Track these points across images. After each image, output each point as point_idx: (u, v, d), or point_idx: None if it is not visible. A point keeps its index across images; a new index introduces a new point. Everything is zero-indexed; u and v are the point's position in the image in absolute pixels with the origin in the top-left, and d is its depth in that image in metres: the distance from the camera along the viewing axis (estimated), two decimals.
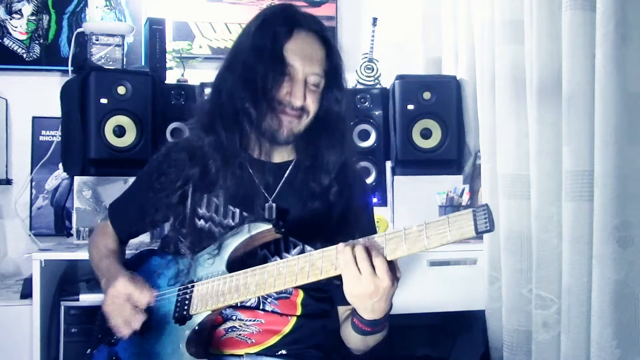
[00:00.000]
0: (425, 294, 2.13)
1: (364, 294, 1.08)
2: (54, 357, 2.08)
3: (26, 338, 2.01)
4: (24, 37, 2.63)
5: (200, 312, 1.23)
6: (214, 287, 1.23)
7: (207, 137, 1.30)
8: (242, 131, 1.30)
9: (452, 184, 2.39)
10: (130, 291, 1.24)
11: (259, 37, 1.28)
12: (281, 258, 1.29)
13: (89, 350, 1.38)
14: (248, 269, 1.20)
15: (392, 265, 1.07)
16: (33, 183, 2.60)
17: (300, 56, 1.28)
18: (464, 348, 2.48)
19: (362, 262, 1.06)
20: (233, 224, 1.31)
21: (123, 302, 1.24)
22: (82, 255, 2.04)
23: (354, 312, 1.18)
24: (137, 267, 1.42)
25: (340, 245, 1.09)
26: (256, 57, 1.26)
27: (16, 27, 2.63)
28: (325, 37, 1.33)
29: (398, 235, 1.06)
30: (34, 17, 2.64)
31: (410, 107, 2.40)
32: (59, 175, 2.58)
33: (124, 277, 1.26)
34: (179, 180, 1.32)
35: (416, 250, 1.03)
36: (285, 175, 1.36)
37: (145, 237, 1.85)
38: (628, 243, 1.59)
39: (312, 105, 1.30)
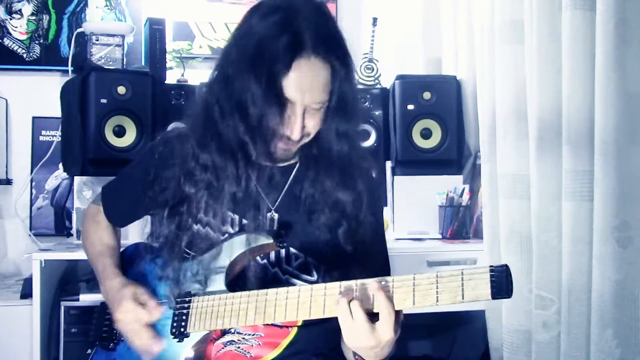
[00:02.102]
0: None
1: (365, 347, 1.03)
2: (54, 357, 2.08)
3: (26, 338, 2.01)
4: (24, 37, 2.63)
5: (197, 331, 1.19)
6: (213, 306, 1.18)
7: (202, 153, 1.22)
8: (238, 151, 1.20)
9: (452, 184, 2.39)
10: (140, 315, 1.20)
11: (255, 61, 1.12)
12: (281, 270, 1.26)
13: (89, 350, 1.36)
14: (248, 292, 1.15)
15: (396, 314, 1.00)
16: (33, 183, 2.60)
17: (300, 89, 1.12)
18: (464, 348, 2.48)
19: (359, 319, 1.00)
20: (232, 231, 1.25)
21: (139, 328, 1.20)
22: (82, 255, 2.01)
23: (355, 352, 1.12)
24: (133, 264, 1.38)
25: (338, 290, 1.04)
26: (251, 86, 1.12)
27: (16, 27, 2.63)
28: (330, 60, 1.14)
29: (407, 284, 0.99)
30: (34, 17, 2.64)
31: (410, 107, 2.40)
32: (59, 175, 2.58)
33: (128, 303, 1.21)
34: (175, 187, 1.25)
35: (425, 305, 0.97)
36: (289, 181, 1.30)
37: (140, 239, 1.84)
38: (628, 243, 1.59)
39: (312, 129, 1.19)
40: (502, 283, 0.91)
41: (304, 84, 1.12)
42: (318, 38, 1.12)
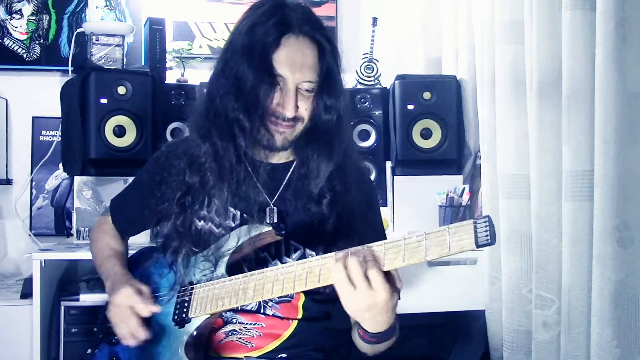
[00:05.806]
0: (425, 294, 2.13)
1: (361, 309, 1.06)
2: (54, 357, 2.08)
3: (26, 338, 2.01)
4: (24, 37, 2.63)
5: (198, 316, 1.23)
6: (213, 290, 1.22)
7: (203, 144, 1.28)
8: (238, 138, 1.26)
9: (452, 184, 2.39)
10: (134, 302, 1.24)
11: (248, 44, 1.23)
12: (281, 261, 1.29)
13: (89, 350, 1.38)
14: (247, 273, 1.20)
15: (390, 277, 1.05)
16: (33, 183, 2.60)
17: (290, 65, 1.22)
18: (464, 348, 2.47)
19: (355, 276, 1.04)
20: (234, 225, 1.30)
21: (129, 314, 1.24)
22: (82, 255, 2.04)
23: (358, 324, 1.16)
24: (138, 265, 1.43)
25: (332, 259, 1.07)
26: (246, 68, 1.22)
27: (16, 27, 2.63)
28: (317, 38, 1.25)
29: (397, 245, 1.03)
30: (34, 17, 2.64)
31: (410, 107, 2.40)
32: (59, 175, 2.58)
33: (129, 288, 1.26)
34: (179, 186, 1.31)
35: (415, 261, 1.01)
36: (287, 176, 1.35)
37: (144, 239, 1.84)
38: (628, 243, 1.59)
39: (305, 113, 1.26)
40: (484, 232, 0.95)
41: (294, 60, 1.22)
42: (304, 20, 1.24)
